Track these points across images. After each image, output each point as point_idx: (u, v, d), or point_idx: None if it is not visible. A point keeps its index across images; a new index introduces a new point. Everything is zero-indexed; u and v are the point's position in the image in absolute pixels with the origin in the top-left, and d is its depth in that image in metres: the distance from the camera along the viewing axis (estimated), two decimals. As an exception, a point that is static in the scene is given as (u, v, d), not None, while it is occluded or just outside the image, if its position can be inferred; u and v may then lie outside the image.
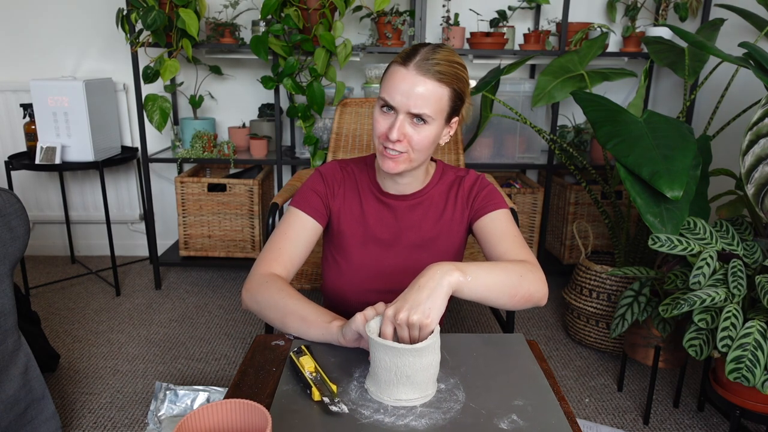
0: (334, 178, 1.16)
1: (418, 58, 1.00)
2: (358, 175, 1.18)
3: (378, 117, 1.04)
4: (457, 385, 0.84)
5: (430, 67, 0.99)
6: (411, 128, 1.02)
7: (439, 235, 1.16)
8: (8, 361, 1.38)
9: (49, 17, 2.70)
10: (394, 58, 1.04)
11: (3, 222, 1.33)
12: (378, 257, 1.15)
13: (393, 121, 1.02)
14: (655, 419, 1.80)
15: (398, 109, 1.01)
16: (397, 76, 1.00)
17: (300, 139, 2.56)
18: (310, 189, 1.15)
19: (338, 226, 1.16)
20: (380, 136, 1.04)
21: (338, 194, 1.16)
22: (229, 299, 2.59)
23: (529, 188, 2.55)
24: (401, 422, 0.76)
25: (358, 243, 1.16)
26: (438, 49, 1.02)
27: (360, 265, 1.15)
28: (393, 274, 1.15)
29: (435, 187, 1.17)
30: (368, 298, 1.13)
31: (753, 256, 1.57)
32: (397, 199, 1.16)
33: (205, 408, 0.67)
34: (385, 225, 1.16)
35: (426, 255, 1.16)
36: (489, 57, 2.53)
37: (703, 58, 2.08)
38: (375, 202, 1.16)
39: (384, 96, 1.02)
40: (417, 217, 1.16)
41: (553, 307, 2.57)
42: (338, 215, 1.16)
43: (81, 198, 2.94)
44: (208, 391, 1.64)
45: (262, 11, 2.23)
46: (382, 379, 0.80)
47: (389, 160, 1.04)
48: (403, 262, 1.15)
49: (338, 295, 1.17)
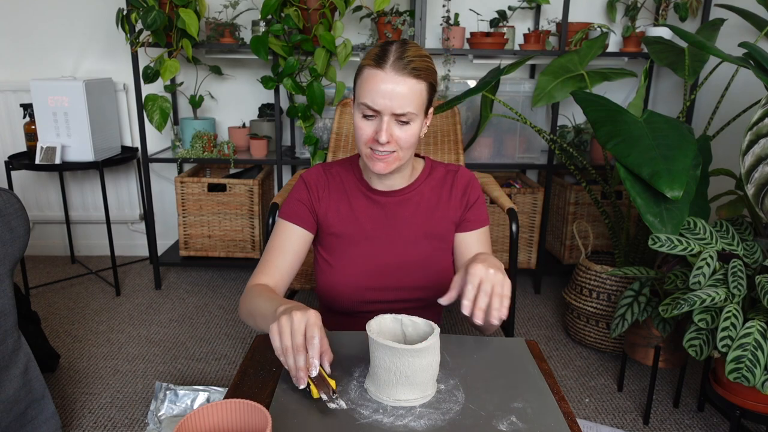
0: (317, 183, 1.17)
1: (392, 59, 0.99)
2: (344, 175, 1.18)
3: (361, 124, 1.04)
4: (457, 386, 0.84)
5: (406, 65, 0.99)
6: (397, 128, 1.03)
7: (432, 229, 1.17)
8: (8, 361, 1.38)
9: (49, 17, 2.70)
10: (363, 62, 1.03)
11: (3, 222, 1.33)
12: (371, 255, 1.16)
13: (378, 124, 1.02)
14: (655, 419, 1.80)
15: (382, 111, 1.01)
16: (375, 80, 1.00)
17: (300, 139, 2.56)
18: (294, 199, 1.16)
19: (328, 228, 1.17)
20: (367, 142, 1.05)
21: (323, 197, 1.17)
22: (229, 299, 2.59)
23: (529, 188, 2.55)
24: (400, 422, 0.76)
25: (350, 242, 1.16)
26: (406, 46, 1.02)
27: (353, 264, 1.15)
28: (387, 270, 1.15)
29: (425, 182, 1.18)
30: (364, 296, 1.15)
31: (753, 256, 1.57)
32: (387, 196, 1.16)
33: (205, 408, 0.66)
34: (376, 222, 1.16)
35: (420, 249, 1.16)
36: (489, 57, 2.53)
37: (703, 58, 2.08)
38: (364, 200, 1.17)
39: (365, 101, 1.01)
40: (408, 212, 1.17)
41: (553, 307, 2.57)
42: (325, 217, 1.16)
43: (81, 198, 2.94)
44: (208, 391, 1.65)
45: (262, 11, 2.23)
46: (381, 379, 0.80)
47: (379, 162, 1.05)
48: (397, 258, 1.16)
49: (333, 296, 1.17)
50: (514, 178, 2.77)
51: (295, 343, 0.78)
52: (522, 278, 2.83)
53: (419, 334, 0.86)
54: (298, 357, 0.78)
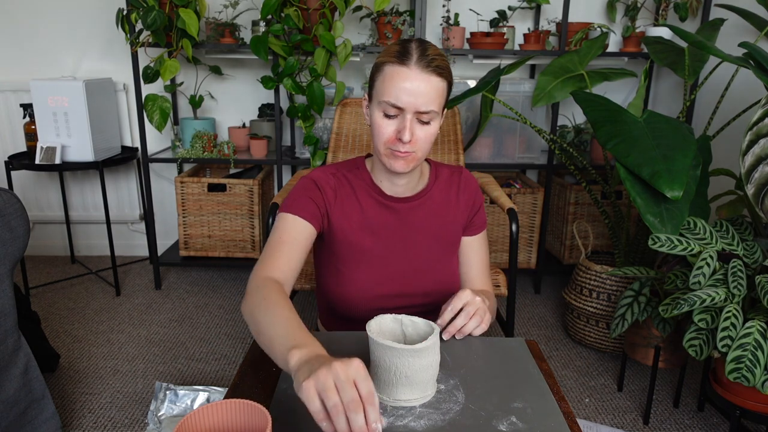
0: (328, 185, 1.11)
1: (415, 56, 0.98)
2: (353, 180, 1.13)
3: (381, 122, 1.01)
4: (457, 386, 0.84)
5: (430, 63, 0.98)
6: (418, 128, 1.01)
7: (443, 234, 1.16)
8: (8, 361, 1.38)
9: (49, 17, 2.70)
10: (383, 59, 1.01)
11: (3, 222, 1.33)
12: (384, 263, 1.13)
13: (401, 122, 1.00)
14: (655, 419, 1.80)
15: (406, 109, 0.98)
16: (400, 77, 0.98)
17: (300, 139, 2.56)
18: (303, 195, 1.08)
19: (341, 234, 1.11)
20: (387, 141, 1.02)
21: (336, 202, 1.11)
22: (229, 299, 2.59)
23: (529, 188, 2.55)
24: (400, 423, 0.76)
25: (363, 250, 1.12)
26: (426, 44, 1.01)
27: (367, 273, 1.12)
28: (402, 277, 1.13)
29: (434, 185, 1.17)
30: (379, 305, 1.11)
31: (753, 256, 1.57)
32: (400, 202, 1.13)
33: (205, 408, 0.66)
34: (391, 229, 1.13)
35: (431, 254, 1.15)
36: (489, 57, 2.53)
37: (703, 58, 2.08)
38: (377, 207, 1.13)
39: (388, 99, 0.98)
40: (421, 217, 1.15)
41: (553, 307, 2.57)
42: (341, 225, 1.11)
43: (81, 198, 2.94)
44: (208, 391, 1.65)
45: (262, 11, 2.23)
46: (381, 379, 0.80)
47: (400, 160, 1.02)
48: (410, 265, 1.14)
49: (344, 303, 1.14)
50: (514, 178, 2.77)
51: (347, 398, 0.63)
52: (522, 278, 2.83)
53: (419, 334, 0.86)
54: (357, 416, 0.63)
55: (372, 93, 1.04)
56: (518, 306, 2.57)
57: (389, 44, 1.06)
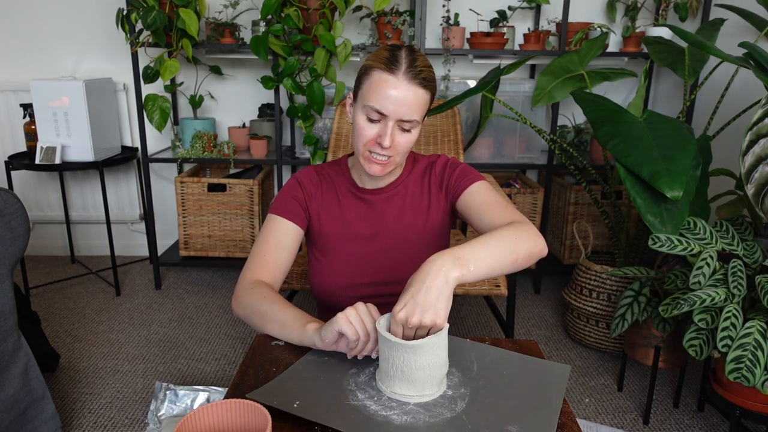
0: (310, 182, 1.18)
1: (404, 66, 1.00)
2: (334, 176, 1.20)
3: (364, 125, 1.05)
4: (464, 395, 0.81)
5: (417, 74, 1.01)
6: (399, 134, 1.05)
7: (421, 222, 1.18)
8: (8, 361, 1.38)
9: (49, 17, 2.70)
10: (372, 63, 1.03)
11: (3, 222, 1.33)
12: (362, 252, 1.17)
13: (382, 128, 1.03)
14: (655, 419, 1.80)
15: (389, 116, 1.02)
16: (386, 84, 1.00)
17: (300, 139, 2.56)
18: (287, 195, 1.16)
19: (319, 227, 1.18)
20: (367, 143, 1.06)
21: (316, 196, 1.18)
22: (229, 299, 2.59)
23: (529, 188, 2.55)
24: (384, 413, 0.76)
25: (341, 240, 1.17)
26: (415, 54, 1.03)
27: (345, 262, 1.17)
28: (379, 266, 1.17)
29: (409, 176, 1.19)
30: (357, 292, 1.16)
31: (753, 256, 1.57)
32: (374, 193, 1.18)
33: (205, 408, 0.66)
34: (365, 220, 1.18)
35: (410, 243, 1.17)
36: (489, 57, 2.53)
37: (703, 58, 2.08)
38: (353, 199, 1.19)
39: (373, 104, 1.02)
40: (395, 207, 1.18)
41: (553, 307, 2.57)
42: (318, 216, 1.18)
43: (81, 198, 2.94)
44: (208, 391, 1.65)
45: (262, 11, 2.23)
46: (382, 369, 0.82)
47: (377, 165, 1.07)
48: (388, 253, 1.17)
49: (327, 293, 1.19)
50: (514, 178, 2.77)
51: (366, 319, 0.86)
52: (522, 278, 2.83)
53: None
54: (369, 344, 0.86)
55: (357, 94, 1.07)
56: (518, 306, 2.57)
57: (379, 48, 1.07)
